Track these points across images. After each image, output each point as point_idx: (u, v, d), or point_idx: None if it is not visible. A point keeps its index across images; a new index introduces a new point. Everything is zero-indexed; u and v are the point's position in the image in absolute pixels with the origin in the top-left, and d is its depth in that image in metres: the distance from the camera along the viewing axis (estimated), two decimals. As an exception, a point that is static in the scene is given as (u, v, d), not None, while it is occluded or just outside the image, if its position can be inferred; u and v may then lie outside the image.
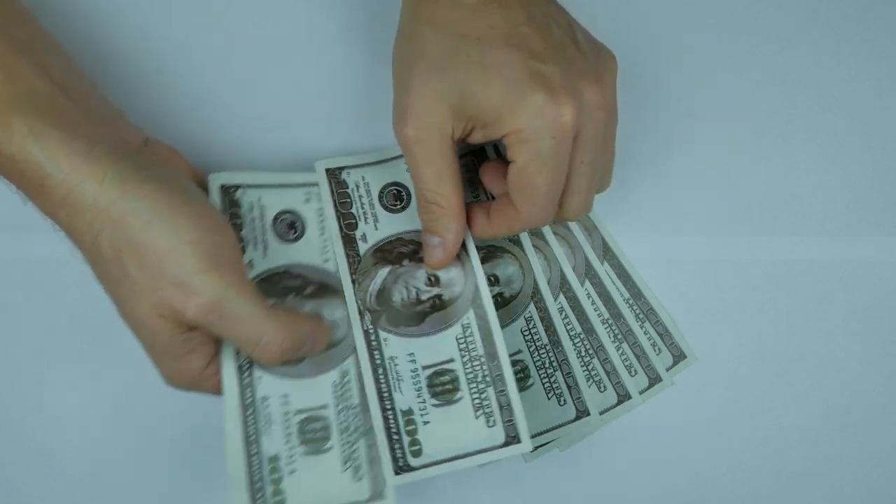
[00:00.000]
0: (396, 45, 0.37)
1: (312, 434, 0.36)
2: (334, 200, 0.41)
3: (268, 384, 0.36)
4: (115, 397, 0.42)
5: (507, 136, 0.34)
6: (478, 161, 0.43)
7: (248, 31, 0.43)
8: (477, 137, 0.35)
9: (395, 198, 0.41)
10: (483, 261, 0.41)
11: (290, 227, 0.39)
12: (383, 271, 0.40)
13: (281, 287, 0.38)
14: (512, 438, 0.36)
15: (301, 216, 0.39)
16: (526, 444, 0.36)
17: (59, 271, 0.41)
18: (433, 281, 0.40)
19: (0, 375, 0.42)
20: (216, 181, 0.38)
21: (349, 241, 0.40)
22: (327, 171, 0.41)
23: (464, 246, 0.39)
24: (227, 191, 0.39)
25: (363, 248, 0.40)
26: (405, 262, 0.40)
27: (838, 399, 0.45)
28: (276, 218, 0.39)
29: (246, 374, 0.36)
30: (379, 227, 0.40)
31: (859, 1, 0.47)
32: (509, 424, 0.37)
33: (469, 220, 0.38)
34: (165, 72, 0.43)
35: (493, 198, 0.42)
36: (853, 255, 0.45)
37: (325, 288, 0.38)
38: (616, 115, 0.37)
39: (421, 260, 0.40)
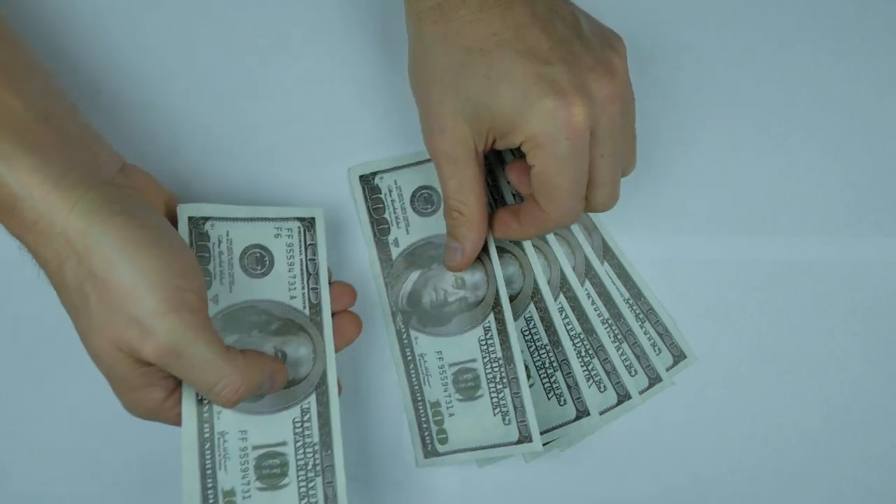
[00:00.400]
0: (410, 67, 0.38)
1: (269, 470, 0.36)
2: (368, 206, 0.42)
3: (227, 420, 0.36)
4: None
5: (524, 143, 0.34)
6: (502, 162, 0.44)
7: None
8: (501, 146, 0.36)
9: (426, 201, 0.43)
10: None
11: (257, 261, 0.39)
12: (414, 275, 0.42)
13: (246, 322, 0.38)
14: (524, 437, 0.39)
15: (269, 251, 0.39)
16: (537, 444, 0.39)
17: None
18: (460, 284, 0.42)
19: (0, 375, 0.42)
20: (184, 212, 0.38)
21: (382, 246, 0.43)
22: (360, 177, 0.43)
23: (487, 251, 0.41)
24: (196, 223, 0.38)
25: (395, 252, 0.42)
26: (434, 266, 0.42)
27: (838, 399, 0.45)
28: (244, 252, 0.38)
29: (206, 407, 0.36)
30: (410, 230, 0.42)
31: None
32: (522, 424, 0.39)
33: (500, 224, 0.40)
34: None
35: (521, 198, 0.43)
36: (853, 255, 0.45)
37: (291, 324, 0.38)
38: (631, 100, 0.37)
39: None
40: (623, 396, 0.43)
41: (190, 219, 0.38)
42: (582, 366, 0.43)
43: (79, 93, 0.42)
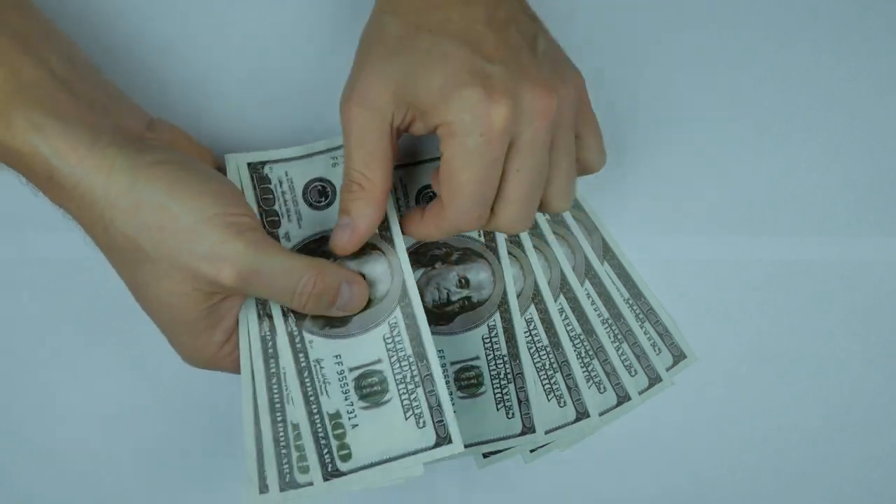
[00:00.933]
0: (363, 33, 0.37)
1: (370, 389, 0.37)
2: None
3: (319, 347, 0.37)
4: (117, 397, 0.42)
5: (439, 127, 0.34)
6: None
7: (256, 14, 0.43)
8: (418, 128, 0.35)
9: (320, 194, 0.40)
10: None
11: (321, 193, 0.40)
12: (416, 274, 0.41)
13: (319, 253, 0.38)
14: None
15: (330, 181, 0.40)
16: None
17: (59, 271, 0.41)
18: (463, 283, 0.42)
19: (0, 375, 0.42)
20: (232, 161, 0.39)
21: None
22: (249, 164, 0.40)
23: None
24: (256, 168, 0.40)
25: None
26: (437, 265, 0.42)
27: (838, 399, 0.45)
28: (306, 187, 0.40)
29: (297, 339, 0.37)
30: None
31: (860, -1, 0.47)
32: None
33: (406, 219, 0.38)
34: (170, 54, 0.42)
35: None
36: (853, 255, 0.45)
37: (364, 245, 0.38)
38: (569, 132, 0.35)
39: (453, 262, 0.42)
40: (623, 398, 0.43)
41: (249, 164, 0.39)
42: (582, 367, 0.43)
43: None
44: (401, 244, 0.39)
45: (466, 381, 0.41)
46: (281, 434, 0.36)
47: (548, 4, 0.39)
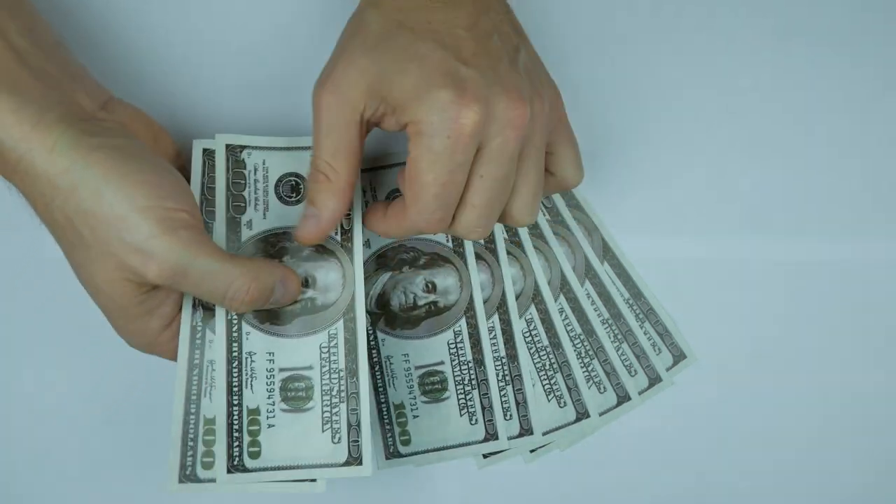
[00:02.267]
0: (346, 25, 0.37)
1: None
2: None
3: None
4: (111, 393, 0.42)
5: (408, 125, 0.34)
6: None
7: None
8: (388, 124, 0.35)
9: (292, 189, 0.40)
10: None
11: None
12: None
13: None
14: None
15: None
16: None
17: (55, 270, 0.41)
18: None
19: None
20: (199, 146, 0.39)
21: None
22: (227, 146, 0.40)
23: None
24: (233, 150, 0.39)
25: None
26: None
27: (838, 399, 0.45)
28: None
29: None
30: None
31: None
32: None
33: (369, 213, 0.38)
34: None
35: None
36: (853, 255, 0.45)
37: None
38: (540, 146, 0.35)
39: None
40: (623, 398, 0.43)
41: (227, 146, 0.39)
42: (582, 367, 0.43)
43: (73, 29, 0.42)
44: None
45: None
46: (191, 428, 0.36)
47: (546, 3, 0.39)
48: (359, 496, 0.43)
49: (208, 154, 0.39)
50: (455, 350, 0.41)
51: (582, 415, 0.43)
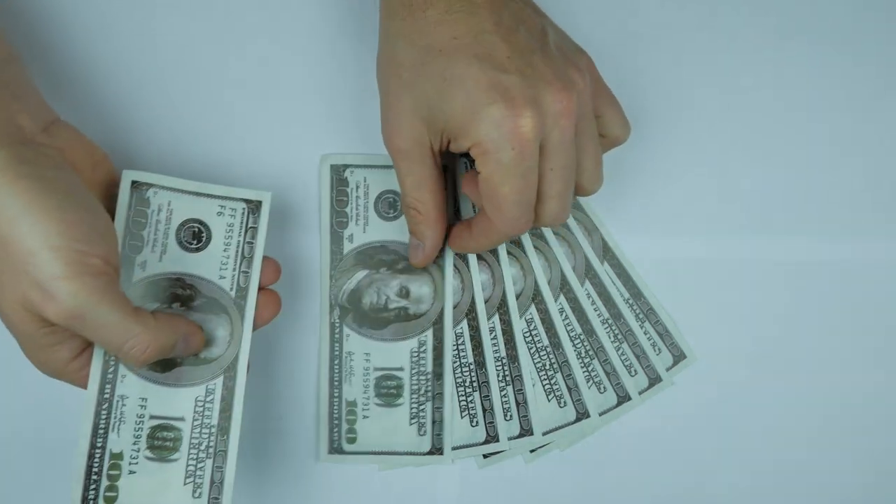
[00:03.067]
0: (377, 61, 0.37)
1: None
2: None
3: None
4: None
5: (472, 148, 0.34)
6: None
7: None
8: (454, 149, 0.36)
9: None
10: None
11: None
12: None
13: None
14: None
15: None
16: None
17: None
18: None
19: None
20: (128, 177, 0.38)
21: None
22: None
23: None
24: (140, 187, 0.38)
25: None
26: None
27: (838, 399, 0.45)
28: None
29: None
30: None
31: (861, -1, 0.47)
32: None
33: (455, 236, 0.40)
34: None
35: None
36: (854, 255, 0.45)
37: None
38: (591, 118, 0.36)
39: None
40: (623, 398, 0.43)
41: (133, 183, 0.37)
42: (582, 367, 0.43)
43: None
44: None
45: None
46: (96, 462, 0.36)
47: (545, 5, 0.39)
48: (359, 496, 0.43)
49: (136, 186, 0.38)
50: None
51: (582, 415, 0.43)
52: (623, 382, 0.43)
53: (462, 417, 0.42)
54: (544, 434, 0.42)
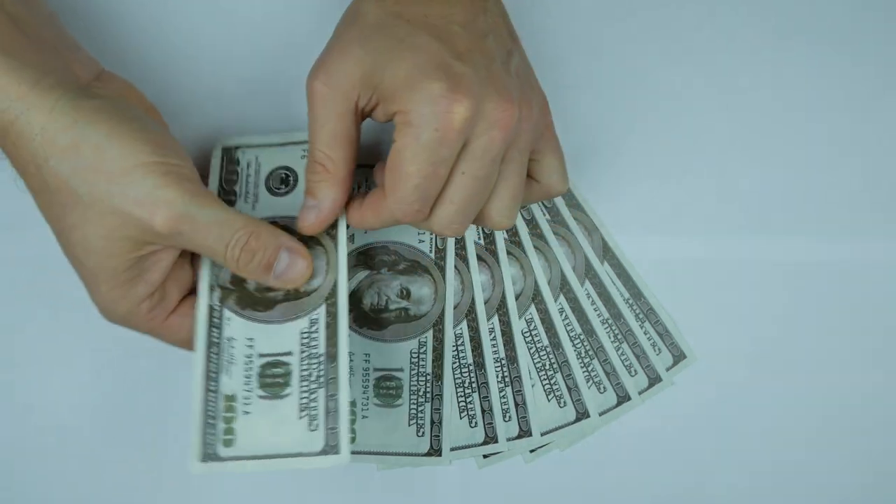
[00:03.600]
0: (343, 15, 0.36)
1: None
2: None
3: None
4: (114, 397, 0.42)
5: (396, 114, 0.33)
6: None
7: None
8: (378, 114, 0.35)
9: (282, 181, 0.40)
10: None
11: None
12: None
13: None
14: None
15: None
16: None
17: (55, 270, 0.41)
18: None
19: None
20: (219, 144, 0.40)
21: None
22: (223, 149, 0.41)
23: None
24: (228, 150, 0.40)
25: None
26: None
27: (838, 399, 0.45)
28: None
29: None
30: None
31: (860, -1, 0.47)
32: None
33: (346, 206, 0.37)
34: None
35: None
36: (853, 255, 0.45)
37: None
38: (525, 150, 0.35)
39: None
40: (623, 398, 0.43)
41: (223, 148, 0.40)
42: (582, 367, 0.43)
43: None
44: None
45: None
46: (210, 406, 0.35)
47: (545, 2, 0.39)
48: (358, 495, 0.43)
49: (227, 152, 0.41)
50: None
51: (582, 415, 0.43)
52: (623, 382, 0.43)
53: (461, 418, 0.42)
54: (543, 434, 0.42)
